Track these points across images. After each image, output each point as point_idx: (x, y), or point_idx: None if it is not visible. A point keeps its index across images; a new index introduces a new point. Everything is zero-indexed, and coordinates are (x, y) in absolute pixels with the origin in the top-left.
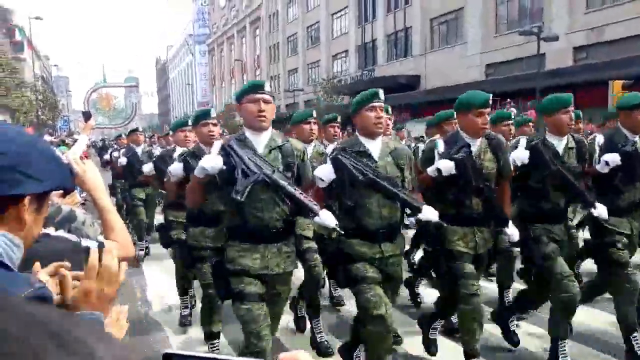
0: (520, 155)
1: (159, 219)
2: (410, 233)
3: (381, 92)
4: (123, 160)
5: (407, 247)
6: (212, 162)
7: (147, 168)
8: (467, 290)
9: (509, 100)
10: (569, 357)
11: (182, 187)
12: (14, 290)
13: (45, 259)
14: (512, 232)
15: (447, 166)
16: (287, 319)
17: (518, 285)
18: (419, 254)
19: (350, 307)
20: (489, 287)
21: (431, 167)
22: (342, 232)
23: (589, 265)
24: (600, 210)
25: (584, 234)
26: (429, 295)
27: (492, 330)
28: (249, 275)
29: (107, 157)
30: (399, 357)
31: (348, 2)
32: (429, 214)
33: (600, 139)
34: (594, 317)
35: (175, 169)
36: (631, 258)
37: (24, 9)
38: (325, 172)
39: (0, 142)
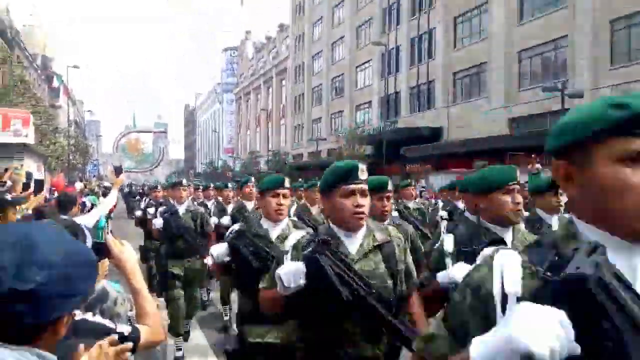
0: None
1: None
2: None
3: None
4: (158, 223)
5: None
6: (293, 277)
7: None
8: None
9: (534, 155)
10: None
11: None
12: None
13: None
14: None
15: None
16: None
17: None
18: None
19: None
20: None
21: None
22: None
23: None
24: None
25: None
26: None
27: None
28: None
29: (139, 213)
30: None
31: (372, 56)
32: None
33: None
34: None
35: (221, 253)
36: None
37: (62, 56)
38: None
39: (45, 268)
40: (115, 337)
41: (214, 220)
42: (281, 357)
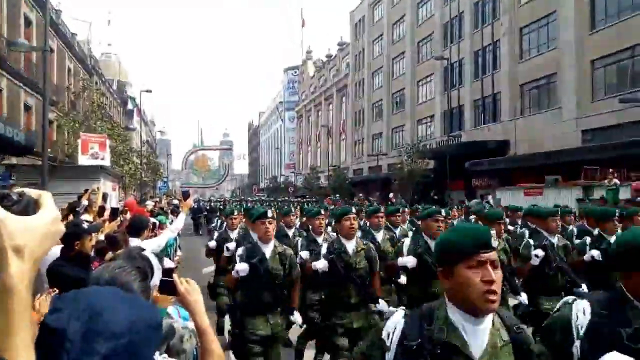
0: None
1: None
2: None
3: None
4: (242, 269)
5: None
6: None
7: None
8: None
9: (611, 170)
10: None
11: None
12: None
13: None
14: None
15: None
16: None
17: None
18: None
19: None
20: None
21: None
22: None
23: None
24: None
25: None
26: None
27: None
28: None
29: (212, 243)
30: None
31: (433, 70)
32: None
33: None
34: None
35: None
36: None
37: (135, 80)
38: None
39: (110, 339)
40: None
41: (305, 255)
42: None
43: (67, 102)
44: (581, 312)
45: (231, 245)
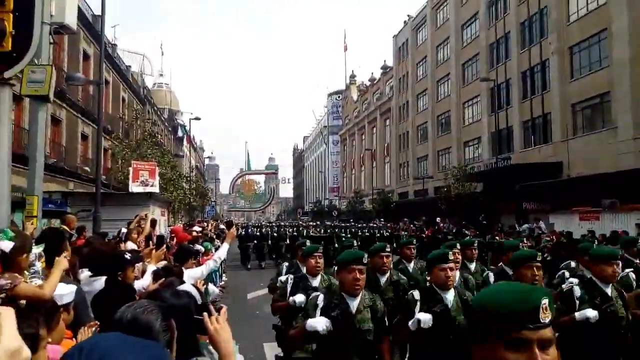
0: None
1: None
2: None
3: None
4: (321, 325)
5: None
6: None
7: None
8: None
9: None
10: None
11: None
12: None
13: None
14: None
15: None
16: None
17: None
18: None
19: None
20: None
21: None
22: None
23: None
24: None
25: None
26: None
27: None
28: None
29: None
30: None
31: (480, 91)
32: None
33: None
34: None
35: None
36: None
37: (186, 108)
38: None
39: None
40: None
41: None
42: None
43: (121, 131)
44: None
45: (299, 298)
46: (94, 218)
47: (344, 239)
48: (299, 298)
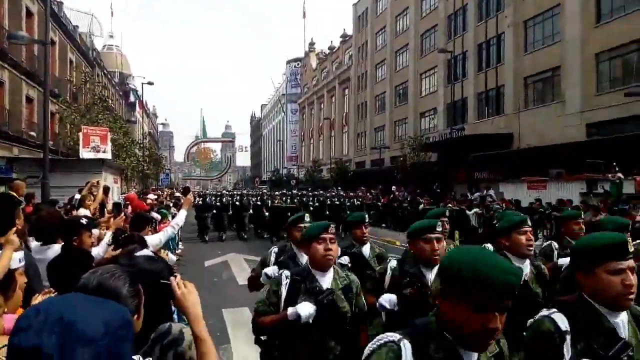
0: None
1: None
2: None
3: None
4: (308, 311)
5: None
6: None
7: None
8: None
9: (614, 163)
10: None
11: None
12: None
13: None
14: None
15: None
16: None
17: None
18: None
19: None
20: None
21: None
22: None
23: None
24: None
25: None
26: None
27: None
28: None
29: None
30: None
31: (437, 62)
32: None
33: None
34: None
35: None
36: None
37: (138, 72)
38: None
39: (88, 345)
40: None
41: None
42: None
43: (69, 95)
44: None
45: (305, 310)
46: (42, 185)
47: (311, 208)
48: (306, 310)
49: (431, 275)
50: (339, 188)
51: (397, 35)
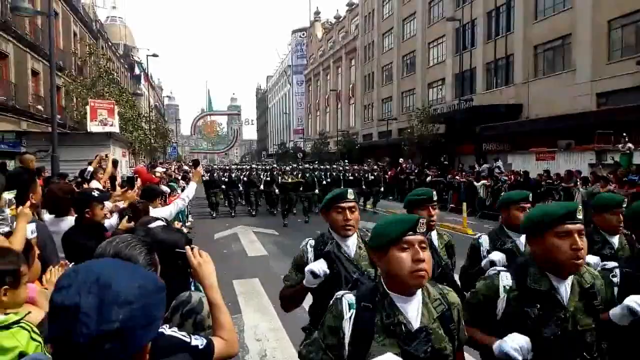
0: None
1: None
2: None
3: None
4: (321, 267)
5: None
6: (321, 267)
7: None
8: None
9: (624, 134)
10: None
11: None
12: None
13: None
14: None
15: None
16: None
17: None
18: None
19: None
20: None
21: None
22: None
23: None
24: None
25: None
26: None
27: None
28: None
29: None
30: None
31: (445, 31)
32: None
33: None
34: None
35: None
36: None
37: (142, 44)
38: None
39: (124, 306)
40: None
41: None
42: None
43: (74, 68)
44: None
45: (318, 266)
46: (51, 158)
47: (324, 182)
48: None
49: (565, 287)
50: (346, 161)
51: (404, 3)
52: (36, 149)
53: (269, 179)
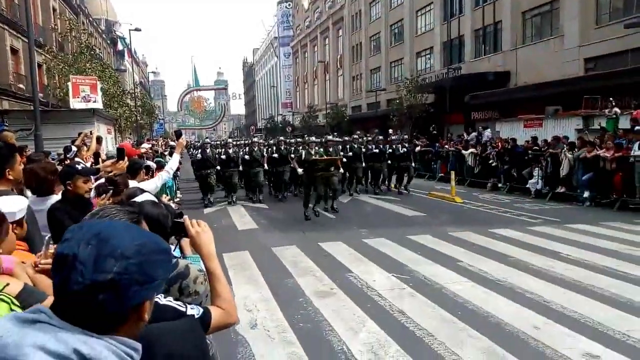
0: None
1: None
2: None
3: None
4: None
5: None
6: None
7: None
8: None
9: (611, 98)
10: None
11: None
12: None
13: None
14: None
15: None
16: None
17: None
18: None
19: None
20: None
21: None
22: None
23: None
24: None
25: None
26: None
27: None
28: None
29: None
30: None
31: None
32: None
33: None
34: None
35: None
36: None
37: (124, 19)
38: None
39: (120, 259)
40: None
41: None
42: None
43: (55, 44)
44: None
45: None
46: (35, 137)
47: (345, 160)
48: None
49: None
50: (335, 133)
51: None
52: (18, 127)
53: (275, 155)
